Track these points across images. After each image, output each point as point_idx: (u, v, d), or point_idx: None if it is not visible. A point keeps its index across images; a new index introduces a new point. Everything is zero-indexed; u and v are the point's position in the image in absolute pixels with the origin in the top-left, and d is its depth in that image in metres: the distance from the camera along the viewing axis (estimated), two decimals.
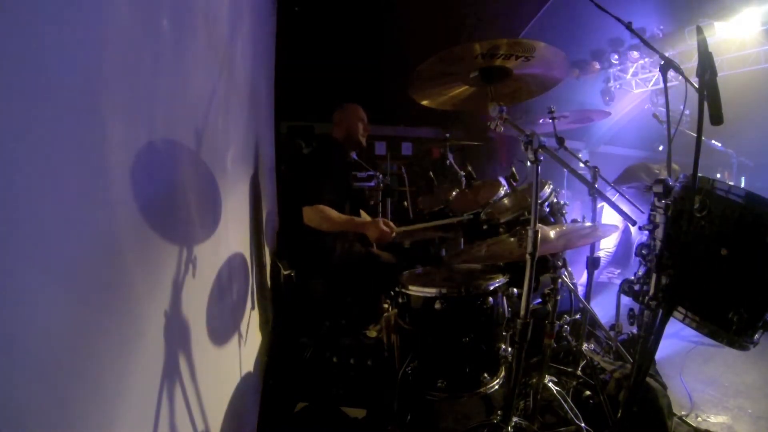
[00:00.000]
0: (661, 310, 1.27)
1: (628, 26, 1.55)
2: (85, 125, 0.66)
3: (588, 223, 1.93)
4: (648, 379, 1.64)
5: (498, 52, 1.50)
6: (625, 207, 1.39)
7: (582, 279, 2.65)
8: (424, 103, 1.83)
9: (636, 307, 1.58)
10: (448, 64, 1.56)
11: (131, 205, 0.80)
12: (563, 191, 4.77)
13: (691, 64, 5.11)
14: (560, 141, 2.10)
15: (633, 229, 3.95)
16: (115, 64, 0.74)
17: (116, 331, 0.73)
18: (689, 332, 1.36)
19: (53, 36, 0.58)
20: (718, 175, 4.95)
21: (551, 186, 2.19)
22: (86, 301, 0.65)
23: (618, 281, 1.90)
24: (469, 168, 2.90)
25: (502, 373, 1.67)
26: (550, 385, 1.79)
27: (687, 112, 1.46)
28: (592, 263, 2.12)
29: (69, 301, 0.61)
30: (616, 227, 1.76)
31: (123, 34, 0.78)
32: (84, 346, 0.64)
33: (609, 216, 3.49)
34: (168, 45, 1.00)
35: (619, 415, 1.51)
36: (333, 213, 2.13)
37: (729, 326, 1.27)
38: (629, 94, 6.57)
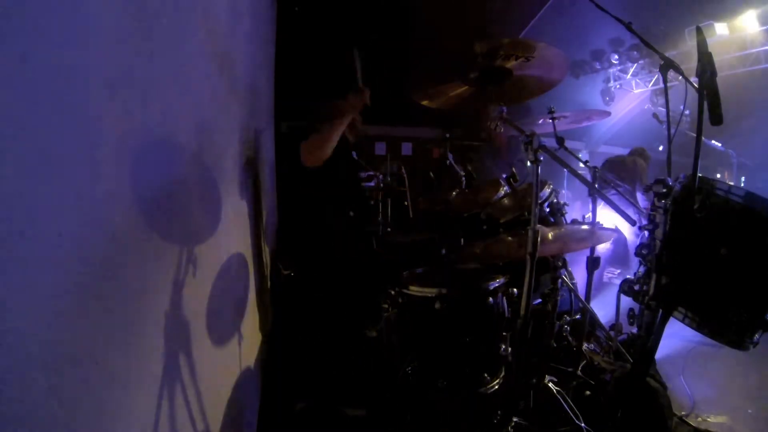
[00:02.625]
0: (661, 310, 1.27)
1: (628, 26, 1.55)
2: (84, 124, 0.66)
3: (586, 226, 1.93)
4: (648, 379, 1.64)
5: (498, 53, 1.50)
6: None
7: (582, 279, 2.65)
8: (424, 103, 1.83)
9: (636, 307, 1.58)
10: (447, 65, 1.56)
11: (131, 205, 0.80)
12: (563, 191, 4.77)
13: (691, 64, 5.10)
14: (560, 141, 2.10)
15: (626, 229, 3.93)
16: (112, 62, 0.74)
17: (116, 332, 0.73)
18: (689, 332, 1.36)
19: (47, 34, 0.58)
20: (718, 175, 4.95)
21: (551, 186, 2.19)
22: (85, 301, 0.65)
23: (618, 281, 1.90)
24: (469, 168, 2.89)
25: (502, 373, 1.67)
26: (550, 385, 1.79)
27: (687, 112, 1.46)
28: (592, 263, 2.12)
29: (68, 302, 0.61)
30: (615, 231, 1.76)
31: (121, 32, 0.78)
32: (83, 346, 0.64)
33: (605, 216, 3.48)
34: (167, 44, 1.00)
35: (619, 415, 1.51)
36: (321, 132, 2.07)
37: (729, 326, 1.28)
38: (629, 94, 6.58)
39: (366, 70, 2.44)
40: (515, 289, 1.70)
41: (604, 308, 2.80)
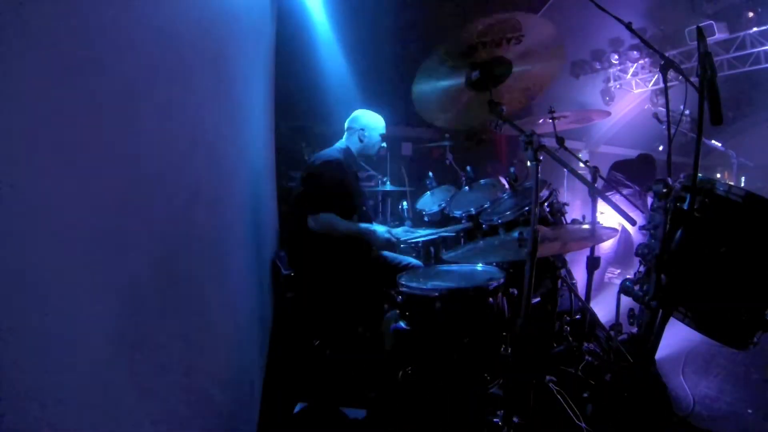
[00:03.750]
0: (661, 310, 1.27)
1: (628, 26, 1.55)
2: (94, 135, 0.66)
3: (586, 225, 1.93)
4: (648, 379, 1.64)
5: (487, 38, 1.49)
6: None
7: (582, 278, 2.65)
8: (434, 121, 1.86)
9: (636, 307, 1.58)
10: (446, 65, 1.56)
11: (133, 205, 0.80)
12: (563, 192, 4.77)
13: (691, 64, 5.12)
14: (560, 141, 2.10)
15: (631, 229, 3.94)
16: (109, 66, 0.74)
17: (116, 332, 0.73)
18: (689, 332, 1.36)
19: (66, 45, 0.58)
20: (718, 175, 4.95)
21: (551, 186, 2.19)
22: (90, 302, 0.65)
23: (618, 281, 1.89)
24: (469, 168, 2.90)
25: (502, 373, 1.66)
26: (550, 385, 1.79)
27: (687, 112, 1.46)
28: (592, 263, 2.12)
29: (74, 303, 0.61)
30: (615, 230, 1.75)
31: (124, 39, 0.78)
32: (87, 347, 0.64)
33: (610, 216, 3.48)
34: (167, 47, 1.00)
35: (619, 415, 1.51)
36: (337, 228, 2.21)
37: (729, 326, 1.28)
38: (629, 94, 6.58)
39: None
40: (515, 289, 1.70)
41: (604, 308, 2.80)
